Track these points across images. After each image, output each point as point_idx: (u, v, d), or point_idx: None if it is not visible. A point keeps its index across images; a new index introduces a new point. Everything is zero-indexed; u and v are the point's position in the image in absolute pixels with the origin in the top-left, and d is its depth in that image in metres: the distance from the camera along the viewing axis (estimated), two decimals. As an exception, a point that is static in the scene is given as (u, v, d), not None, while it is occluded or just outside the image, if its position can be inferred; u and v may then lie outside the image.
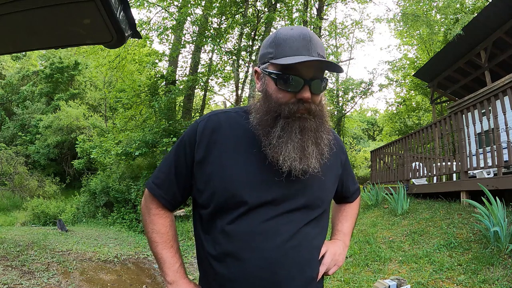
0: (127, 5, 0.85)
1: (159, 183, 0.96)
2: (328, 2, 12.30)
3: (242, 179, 0.86)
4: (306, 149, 0.85)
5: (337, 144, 1.02)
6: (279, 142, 0.84)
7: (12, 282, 3.29)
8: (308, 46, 0.84)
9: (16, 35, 0.91)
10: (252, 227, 0.84)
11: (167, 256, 0.95)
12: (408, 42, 16.36)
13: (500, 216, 3.02)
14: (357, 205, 1.21)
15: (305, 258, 0.88)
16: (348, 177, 1.13)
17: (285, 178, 0.86)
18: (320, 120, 0.88)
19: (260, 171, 0.87)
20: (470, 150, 4.67)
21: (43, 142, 17.38)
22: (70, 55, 19.40)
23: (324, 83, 0.87)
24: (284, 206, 0.86)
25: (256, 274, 0.83)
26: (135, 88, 10.07)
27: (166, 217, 0.97)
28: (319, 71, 0.85)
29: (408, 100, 17.42)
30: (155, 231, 0.96)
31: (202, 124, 0.92)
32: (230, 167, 0.87)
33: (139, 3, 8.71)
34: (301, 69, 0.82)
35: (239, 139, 0.90)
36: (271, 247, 0.84)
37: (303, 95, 0.83)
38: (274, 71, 0.85)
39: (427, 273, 2.91)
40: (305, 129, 0.85)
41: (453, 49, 8.00)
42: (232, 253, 0.84)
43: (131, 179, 9.50)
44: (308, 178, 0.89)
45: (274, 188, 0.86)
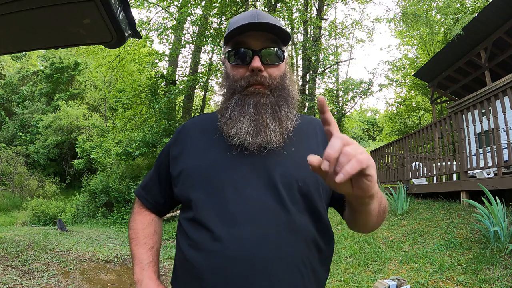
0: (127, 5, 0.85)
1: (143, 186, 1.00)
2: (328, 2, 12.29)
3: (200, 170, 0.82)
4: (262, 122, 0.80)
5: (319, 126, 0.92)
6: (231, 115, 0.82)
7: (12, 282, 3.29)
8: (252, 18, 0.81)
9: (16, 35, 0.91)
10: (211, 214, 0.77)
11: (137, 253, 0.92)
12: (408, 42, 16.36)
13: (500, 216, 3.02)
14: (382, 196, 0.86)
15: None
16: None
17: (250, 156, 0.79)
18: (280, 94, 0.84)
19: (219, 154, 0.82)
20: (470, 150, 4.67)
21: (43, 142, 17.38)
22: (70, 55, 19.39)
23: (279, 53, 0.83)
24: (250, 184, 0.77)
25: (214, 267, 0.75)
26: (135, 88, 10.07)
27: (145, 215, 0.98)
28: (269, 41, 0.82)
29: (408, 100, 17.42)
30: (132, 228, 0.97)
31: (182, 125, 0.97)
32: (192, 159, 0.85)
33: (139, 3, 8.71)
34: (248, 41, 0.81)
35: (206, 131, 0.89)
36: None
37: (252, 65, 0.80)
38: (227, 50, 0.86)
39: (427, 273, 2.91)
40: (259, 104, 0.81)
41: (453, 49, 8.00)
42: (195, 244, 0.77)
43: (131, 179, 9.50)
44: (278, 155, 0.81)
45: (238, 168, 0.79)
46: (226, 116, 0.83)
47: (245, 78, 0.82)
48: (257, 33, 0.81)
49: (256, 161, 0.80)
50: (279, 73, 0.85)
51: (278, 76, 0.84)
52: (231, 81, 0.85)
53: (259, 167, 0.79)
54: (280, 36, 0.83)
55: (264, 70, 0.81)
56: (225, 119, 0.83)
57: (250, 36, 0.81)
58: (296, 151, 0.83)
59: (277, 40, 0.83)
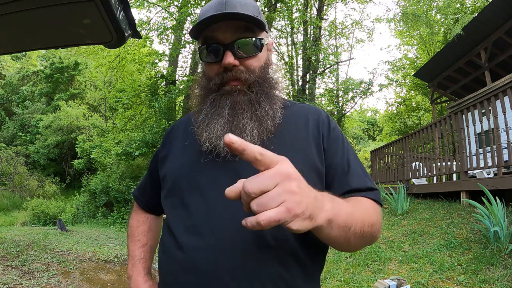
0: (127, 5, 0.85)
1: (139, 186, 1.02)
2: (328, 2, 12.29)
3: (174, 172, 0.79)
4: (237, 124, 0.72)
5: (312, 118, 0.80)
6: (205, 118, 0.75)
7: (12, 282, 3.29)
8: (219, 7, 0.72)
9: (16, 35, 0.91)
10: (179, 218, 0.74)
11: (130, 249, 0.95)
12: (408, 42, 16.36)
13: (500, 216, 3.02)
14: (371, 206, 0.71)
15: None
16: (339, 166, 0.75)
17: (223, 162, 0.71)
18: (260, 89, 0.75)
19: (192, 158, 0.77)
20: (470, 150, 4.67)
21: (43, 142, 17.38)
22: (70, 55, 19.39)
23: (255, 42, 0.74)
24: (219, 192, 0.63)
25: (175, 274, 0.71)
26: (135, 88, 10.07)
27: (140, 214, 1.00)
28: (241, 30, 0.72)
29: (408, 100, 17.42)
30: (129, 225, 1.00)
31: (171, 126, 0.95)
32: (171, 163, 0.82)
33: (139, 3, 8.71)
34: (217, 34, 0.72)
35: (188, 132, 0.83)
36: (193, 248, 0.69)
37: (224, 62, 0.72)
38: (198, 46, 0.77)
39: (427, 273, 2.91)
40: (236, 104, 0.73)
41: (453, 49, 8.00)
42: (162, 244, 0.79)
43: (131, 179, 9.50)
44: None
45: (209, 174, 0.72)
46: (199, 119, 0.76)
47: (219, 75, 0.75)
48: (226, 24, 0.72)
49: (228, 167, 0.72)
50: (258, 64, 0.76)
51: (257, 68, 0.76)
52: (205, 79, 0.79)
53: (231, 173, 0.70)
54: (254, 23, 0.73)
55: (240, 64, 0.73)
56: (199, 123, 0.76)
57: (219, 28, 0.72)
58: (276, 149, 0.61)
59: (251, 27, 0.74)
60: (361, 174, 0.76)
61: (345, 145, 0.80)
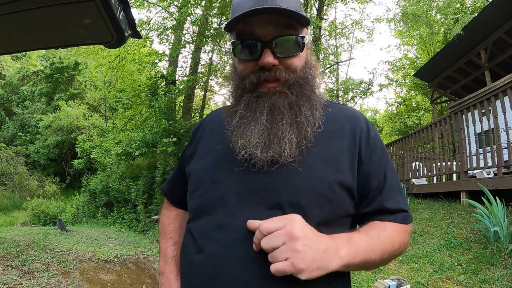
0: (127, 5, 0.85)
1: (168, 181, 1.01)
2: (328, 2, 12.28)
3: (200, 173, 0.76)
4: (276, 132, 0.66)
5: (349, 125, 0.74)
6: (240, 123, 0.69)
7: (12, 282, 3.29)
8: (258, 2, 0.65)
9: (16, 35, 0.91)
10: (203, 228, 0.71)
11: (162, 247, 0.95)
12: (408, 42, 16.36)
13: (500, 216, 3.02)
14: (396, 231, 0.70)
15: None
16: (375, 180, 0.71)
17: (255, 169, 0.67)
18: (301, 91, 0.69)
19: (219, 165, 0.73)
20: (470, 150, 4.67)
21: (43, 142, 17.37)
22: (70, 55, 19.39)
23: (297, 40, 0.67)
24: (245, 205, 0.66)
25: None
26: (135, 88, 10.06)
27: (171, 210, 0.99)
28: (282, 27, 0.66)
29: (408, 100, 17.42)
30: (160, 222, 1.00)
31: (199, 122, 0.92)
32: (198, 163, 0.78)
33: (139, 3, 8.70)
34: (256, 30, 0.66)
35: (217, 132, 0.78)
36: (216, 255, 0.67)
37: (262, 61, 0.66)
38: (231, 40, 0.70)
39: (427, 273, 2.91)
40: (276, 108, 0.66)
41: (453, 49, 8.00)
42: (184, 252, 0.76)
43: (131, 179, 9.50)
44: (283, 169, 0.66)
45: (240, 185, 0.68)
46: (233, 123, 0.71)
47: (254, 73, 0.68)
48: (265, 18, 0.65)
49: (263, 179, 0.67)
50: (300, 63, 0.69)
51: (298, 68, 0.69)
52: (238, 77, 0.72)
53: (265, 187, 0.66)
54: (297, 18, 0.66)
55: (279, 64, 0.67)
56: (233, 127, 0.70)
57: (258, 23, 0.65)
58: (307, 160, 0.67)
59: (292, 23, 0.67)
60: (396, 191, 0.73)
61: (383, 157, 0.74)
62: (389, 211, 0.71)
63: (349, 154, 0.71)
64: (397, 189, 0.74)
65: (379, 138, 0.77)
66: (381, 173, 0.72)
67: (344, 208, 0.69)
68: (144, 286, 4.11)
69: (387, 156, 0.76)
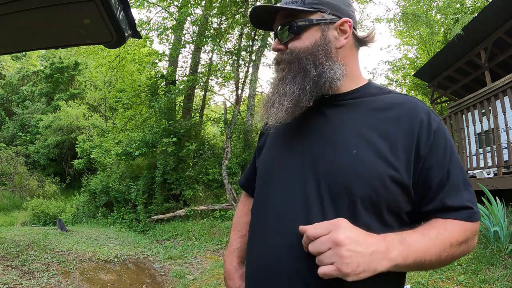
0: (127, 5, 0.85)
1: (244, 174, 1.10)
2: (328, 2, 12.28)
3: (262, 165, 0.89)
4: (280, 91, 0.78)
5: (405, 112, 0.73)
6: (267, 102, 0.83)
7: (12, 282, 3.29)
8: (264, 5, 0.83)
9: (16, 35, 0.91)
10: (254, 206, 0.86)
11: (231, 237, 1.07)
12: (408, 42, 16.36)
13: (500, 216, 3.02)
14: (459, 228, 0.68)
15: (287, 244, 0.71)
16: (435, 178, 0.70)
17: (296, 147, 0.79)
18: (298, 65, 0.78)
19: (281, 148, 0.84)
20: (470, 150, 4.67)
21: (43, 142, 17.37)
22: (70, 55, 19.38)
23: (289, 27, 0.79)
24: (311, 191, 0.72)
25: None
26: (135, 88, 10.06)
27: (246, 204, 1.08)
28: (283, 17, 0.81)
29: (408, 100, 17.42)
30: (234, 215, 1.12)
31: None
32: (263, 153, 0.92)
33: (139, 3, 8.70)
34: (274, 23, 0.84)
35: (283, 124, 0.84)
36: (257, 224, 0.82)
37: (272, 48, 0.84)
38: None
39: (427, 273, 2.91)
40: (282, 79, 0.80)
41: (453, 49, 7.99)
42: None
43: (131, 179, 9.50)
44: (329, 146, 0.73)
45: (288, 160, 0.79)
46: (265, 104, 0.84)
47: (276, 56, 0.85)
48: (272, 15, 0.83)
49: (305, 147, 0.77)
50: (301, 45, 0.78)
51: (297, 49, 0.78)
52: None
53: (306, 159, 0.75)
54: (291, 10, 0.79)
55: (286, 48, 0.80)
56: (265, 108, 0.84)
57: (272, 19, 0.83)
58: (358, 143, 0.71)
59: (293, 12, 0.79)
60: (461, 187, 0.71)
61: (447, 151, 0.71)
62: (452, 209, 0.69)
63: (405, 148, 0.70)
64: (462, 186, 0.71)
65: (443, 130, 0.73)
66: (443, 170, 0.70)
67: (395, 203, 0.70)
68: (144, 286, 4.11)
69: (452, 150, 0.73)
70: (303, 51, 0.77)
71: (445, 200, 0.69)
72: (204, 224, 7.07)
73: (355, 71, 0.82)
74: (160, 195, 8.43)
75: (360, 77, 0.83)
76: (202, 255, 5.50)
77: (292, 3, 0.79)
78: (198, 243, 6.22)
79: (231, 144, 8.50)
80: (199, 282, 4.17)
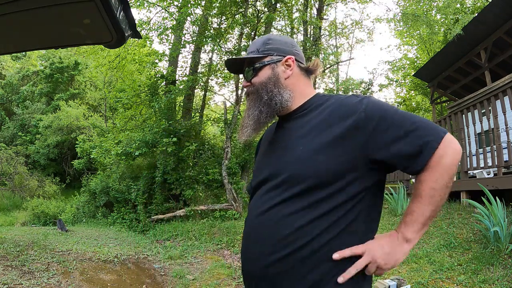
0: (127, 5, 0.85)
1: (250, 182, 1.30)
2: (328, 2, 12.28)
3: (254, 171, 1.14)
4: (243, 122, 1.07)
5: (340, 106, 0.94)
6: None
7: (12, 282, 3.29)
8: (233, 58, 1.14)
9: (16, 35, 0.91)
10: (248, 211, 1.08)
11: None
12: (408, 42, 16.36)
13: (500, 216, 3.02)
14: (432, 173, 0.83)
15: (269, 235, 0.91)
16: (388, 140, 0.85)
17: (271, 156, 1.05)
18: (256, 95, 1.07)
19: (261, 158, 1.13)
20: (470, 150, 4.67)
21: (43, 142, 17.36)
22: (70, 55, 19.38)
23: (251, 70, 1.08)
24: (269, 184, 0.98)
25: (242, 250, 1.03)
26: (135, 88, 10.06)
27: None
28: (248, 63, 1.09)
29: (408, 100, 17.42)
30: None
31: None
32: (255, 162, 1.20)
33: (139, 3, 8.69)
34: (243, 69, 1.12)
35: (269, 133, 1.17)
36: (247, 224, 1.02)
37: (242, 85, 1.19)
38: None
39: (427, 273, 2.91)
40: (249, 106, 1.08)
41: (453, 49, 7.99)
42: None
43: (131, 179, 9.49)
44: (281, 149, 1.00)
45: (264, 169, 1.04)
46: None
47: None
48: (240, 62, 1.13)
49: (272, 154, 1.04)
50: (259, 80, 1.07)
51: (257, 83, 1.07)
52: None
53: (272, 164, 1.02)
54: (249, 60, 1.09)
55: (251, 84, 1.09)
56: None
57: (241, 66, 1.13)
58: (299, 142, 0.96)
59: (252, 59, 1.08)
60: (412, 138, 0.84)
61: (385, 122, 0.87)
62: (411, 158, 0.85)
63: (349, 130, 0.89)
64: (410, 134, 0.84)
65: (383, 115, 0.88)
66: (403, 132, 0.85)
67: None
68: (144, 286, 4.11)
69: (388, 117, 0.87)
70: (259, 84, 1.06)
71: (413, 152, 0.84)
72: (204, 224, 7.07)
73: (304, 91, 1.06)
74: (160, 195, 8.43)
75: (310, 94, 1.06)
76: (202, 255, 5.50)
77: (251, 52, 1.09)
78: (198, 243, 6.22)
79: (231, 144, 8.49)
80: (199, 282, 4.17)
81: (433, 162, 0.82)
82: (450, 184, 0.85)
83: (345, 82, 14.36)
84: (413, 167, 0.85)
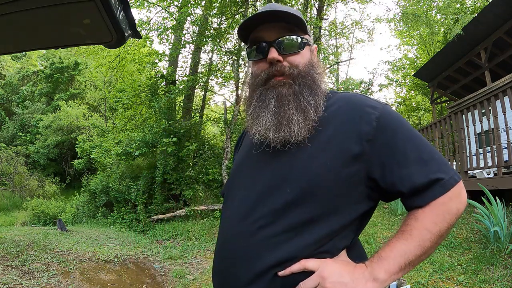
0: (127, 5, 0.85)
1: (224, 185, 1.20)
2: (328, 2, 12.28)
3: (233, 168, 0.94)
4: (283, 115, 0.77)
5: (347, 111, 0.78)
6: (253, 112, 0.81)
7: (12, 282, 3.29)
8: (266, 9, 0.80)
9: (16, 35, 0.91)
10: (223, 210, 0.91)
11: None
12: (408, 42, 16.35)
13: (500, 216, 3.02)
14: (433, 214, 0.70)
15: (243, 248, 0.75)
16: (393, 161, 0.72)
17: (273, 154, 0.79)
18: (303, 81, 0.79)
19: (246, 154, 0.90)
20: (470, 150, 4.67)
21: (43, 142, 17.36)
22: (70, 55, 19.38)
23: (295, 40, 0.80)
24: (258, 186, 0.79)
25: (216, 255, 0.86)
26: (135, 88, 10.06)
27: None
28: (284, 30, 0.80)
29: (408, 100, 17.42)
30: None
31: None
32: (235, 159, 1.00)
33: (139, 3, 8.70)
34: (263, 35, 0.81)
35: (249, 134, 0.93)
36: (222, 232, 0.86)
37: (268, 57, 0.79)
38: (246, 48, 0.87)
39: (427, 273, 2.91)
40: (282, 96, 0.78)
41: (453, 49, 7.99)
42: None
43: (131, 179, 9.49)
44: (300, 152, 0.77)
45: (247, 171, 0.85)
46: (249, 113, 0.83)
47: (265, 70, 0.81)
48: (269, 25, 0.81)
49: (277, 158, 0.79)
50: (302, 60, 0.81)
51: (300, 64, 0.81)
52: (254, 77, 0.85)
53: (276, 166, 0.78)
54: (295, 24, 0.81)
55: (284, 60, 0.80)
56: (248, 117, 0.84)
57: (264, 29, 0.81)
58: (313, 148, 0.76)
59: (292, 28, 0.81)
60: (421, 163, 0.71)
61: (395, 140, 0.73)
62: (421, 189, 0.70)
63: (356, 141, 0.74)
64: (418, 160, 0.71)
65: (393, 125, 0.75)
66: (408, 156, 0.72)
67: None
68: (144, 286, 4.11)
69: (403, 133, 0.74)
70: (304, 67, 0.81)
71: (419, 183, 0.70)
72: (204, 224, 7.07)
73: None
74: (160, 195, 8.43)
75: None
76: (202, 255, 5.50)
77: (292, 18, 0.80)
78: (198, 243, 6.22)
79: (231, 144, 8.49)
80: (199, 282, 4.17)
81: (440, 203, 0.69)
82: (445, 235, 0.71)
83: (345, 82, 14.34)
84: (413, 200, 0.72)
